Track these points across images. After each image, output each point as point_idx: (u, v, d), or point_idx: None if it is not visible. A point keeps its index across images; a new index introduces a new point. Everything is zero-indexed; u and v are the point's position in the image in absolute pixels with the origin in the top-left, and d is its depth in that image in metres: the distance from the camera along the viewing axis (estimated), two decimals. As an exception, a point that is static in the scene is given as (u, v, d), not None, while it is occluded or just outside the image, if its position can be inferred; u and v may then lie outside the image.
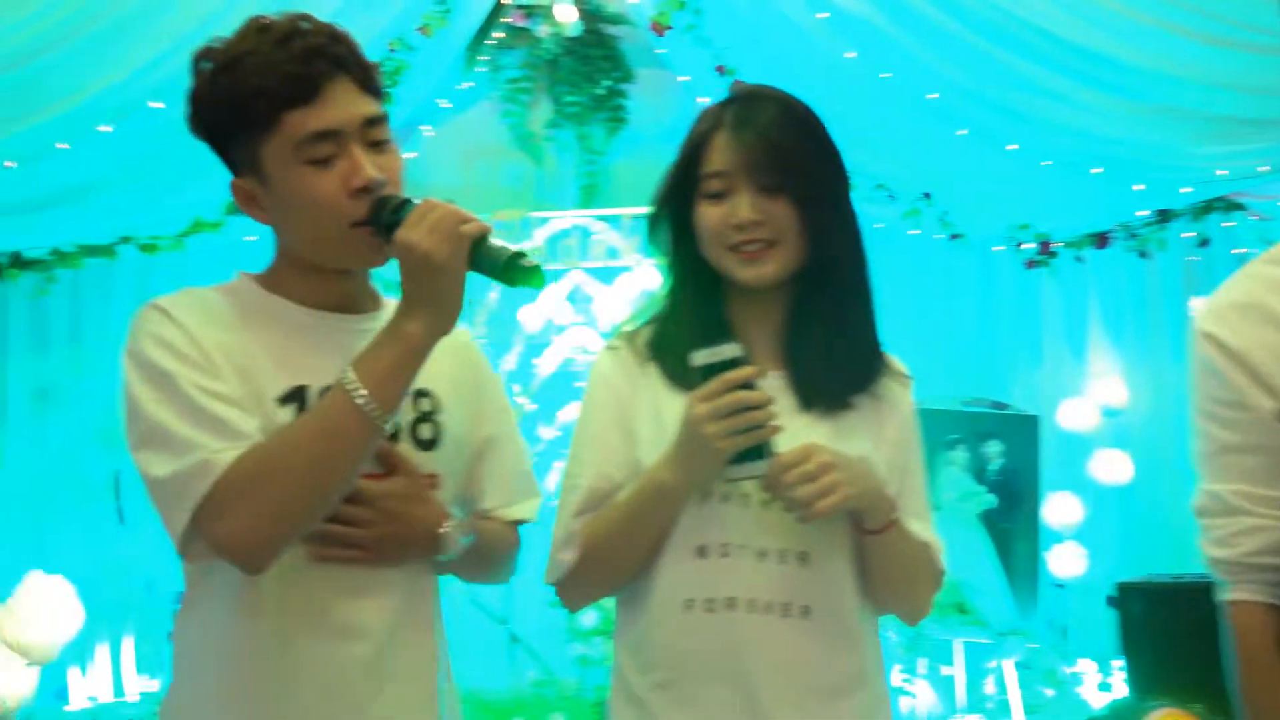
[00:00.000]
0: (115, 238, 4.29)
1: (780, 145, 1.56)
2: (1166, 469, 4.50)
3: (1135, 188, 4.06)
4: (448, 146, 4.77)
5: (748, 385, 1.47)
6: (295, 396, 1.49)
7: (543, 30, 4.58)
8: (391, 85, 4.19)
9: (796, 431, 1.54)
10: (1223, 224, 4.28)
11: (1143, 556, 4.39)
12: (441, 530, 1.53)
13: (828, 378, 1.61)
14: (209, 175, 1.72)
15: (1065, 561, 4.25)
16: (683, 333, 1.60)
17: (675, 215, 1.65)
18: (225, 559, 1.42)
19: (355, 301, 1.59)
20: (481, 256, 1.39)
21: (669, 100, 4.87)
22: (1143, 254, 4.40)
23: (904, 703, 3.98)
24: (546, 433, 4.48)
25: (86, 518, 4.18)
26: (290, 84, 1.45)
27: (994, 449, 4.21)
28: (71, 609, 2.83)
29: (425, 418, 1.57)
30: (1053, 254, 4.46)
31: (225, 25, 3.72)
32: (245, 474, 1.38)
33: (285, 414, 1.47)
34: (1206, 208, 4.31)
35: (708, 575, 1.55)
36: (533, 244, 4.52)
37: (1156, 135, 3.96)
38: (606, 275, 4.57)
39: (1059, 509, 4.27)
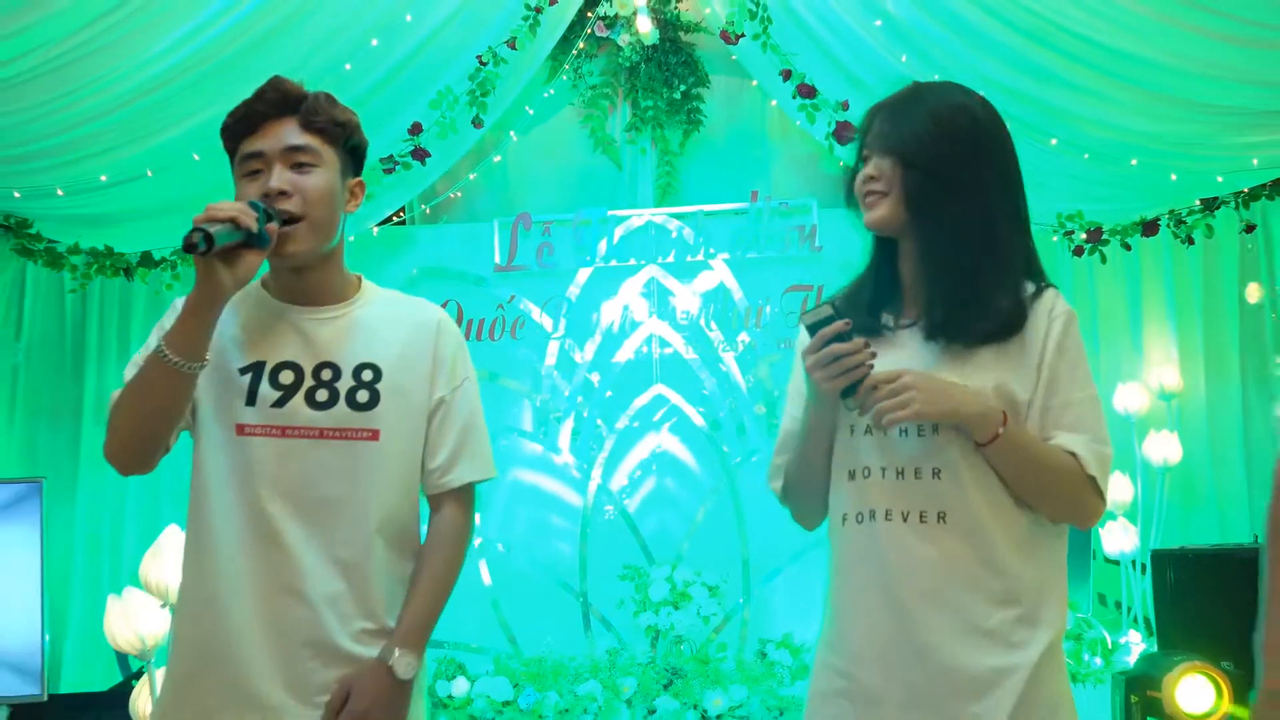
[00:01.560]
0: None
1: (896, 117, 1.87)
2: (1214, 450, 4.64)
3: (1171, 177, 4.19)
4: (532, 151, 5.02)
5: (843, 336, 1.77)
6: (253, 369, 1.95)
7: (623, 39, 4.80)
8: (482, 95, 4.48)
9: (923, 367, 1.82)
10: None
11: (1191, 533, 4.53)
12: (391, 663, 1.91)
13: (934, 310, 1.85)
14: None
15: (1117, 538, 4.41)
16: (861, 291, 1.94)
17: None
18: (118, 471, 1.91)
19: (319, 294, 2.01)
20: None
21: (743, 104, 5.08)
22: (1189, 241, 4.52)
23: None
24: (621, 422, 4.75)
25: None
26: (239, 121, 1.97)
27: (1049, 432, 4.34)
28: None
29: (364, 386, 1.97)
30: (1104, 241, 4.58)
31: (335, 48, 4.06)
32: (111, 410, 1.89)
33: (244, 381, 1.94)
34: (1253, 195, 4.43)
35: (856, 494, 1.86)
36: (612, 241, 4.78)
37: (1188, 128, 4.08)
38: (681, 271, 4.78)
39: (1111, 488, 4.41)
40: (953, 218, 1.83)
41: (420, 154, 4.50)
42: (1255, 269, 4.66)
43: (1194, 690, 3.28)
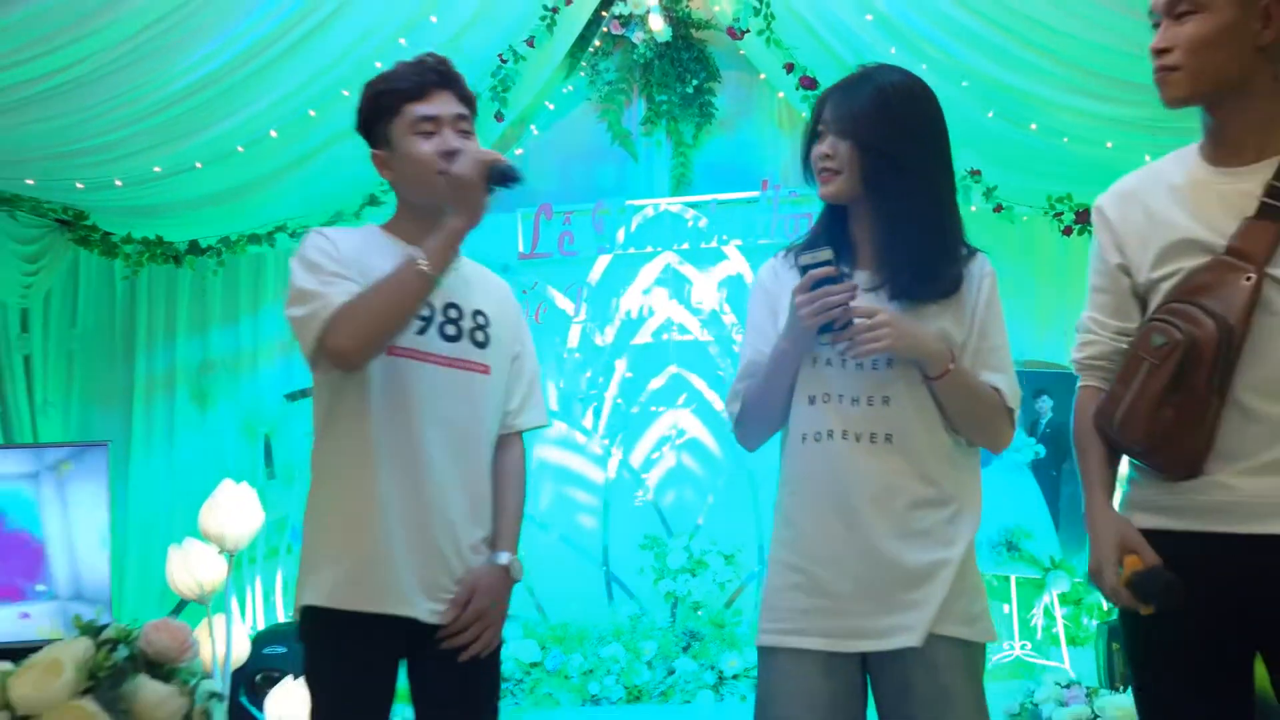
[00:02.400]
0: (272, 227, 4.90)
1: (850, 102, 2.08)
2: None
3: (1146, 159, 4.33)
4: (552, 143, 5.21)
5: (834, 279, 1.99)
6: None
7: (637, 37, 5.01)
8: (503, 90, 4.73)
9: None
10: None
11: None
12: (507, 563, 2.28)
13: (900, 277, 2.08)
14: (351, 172, 2.25)
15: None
16: (817, 244, 2.15)
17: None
18: (337, 364, 2.11)
19: None
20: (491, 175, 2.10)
21: (752, 97, 5.23)
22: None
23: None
24: (640, 402, 4.96)
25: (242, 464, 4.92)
26: (411, 86, 2.23)
27: (1045, 404, 4.52)
28: (254, 509, 3.43)
29: (480, 328, 2.28)
30: (1090, 222, 4.73)
31: (365, 48, 4.31)
32: (349, 307, 2.09)
33: None
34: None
35: (815, 415, 2.11)
36: (630, 230, 5.01)
37: (1154, 111, 4.18)
38: (695, 256, 4.98)
39: (1110, 459, 4.56)
40: (906, 197, 2.08)
41: (445, 146, 4.71)
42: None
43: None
